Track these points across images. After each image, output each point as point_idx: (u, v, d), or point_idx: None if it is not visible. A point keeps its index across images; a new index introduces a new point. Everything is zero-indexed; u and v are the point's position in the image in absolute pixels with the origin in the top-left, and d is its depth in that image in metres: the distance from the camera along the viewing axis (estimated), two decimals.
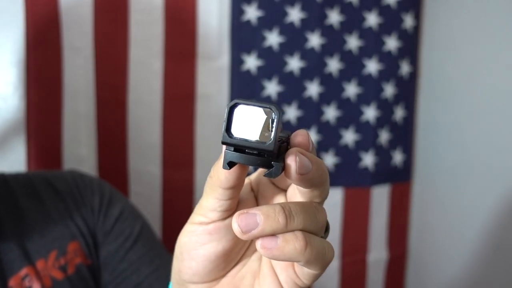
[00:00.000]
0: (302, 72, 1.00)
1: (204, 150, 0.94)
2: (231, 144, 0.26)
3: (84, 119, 0.86)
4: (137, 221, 0.61)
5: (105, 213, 0.59)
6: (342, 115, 1.05)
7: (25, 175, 0.61)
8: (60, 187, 0.59)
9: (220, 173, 0.28)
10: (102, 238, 0.58)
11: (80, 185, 0.60)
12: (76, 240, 0.56)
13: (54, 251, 0.54)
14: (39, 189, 0.58)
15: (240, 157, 0.26)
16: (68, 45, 0.84)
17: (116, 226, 0.58)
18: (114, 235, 0.58)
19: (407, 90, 1.12)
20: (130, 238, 0.58)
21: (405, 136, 1.14)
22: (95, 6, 0.84)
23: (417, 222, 1.17)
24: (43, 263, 0.53)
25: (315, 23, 0.99)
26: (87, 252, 0.56)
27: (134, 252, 0.57)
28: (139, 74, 0.89)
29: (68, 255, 0.55)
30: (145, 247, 0.59)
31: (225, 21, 0.93)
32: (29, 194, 0.57)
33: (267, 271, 0.31)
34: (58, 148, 0.85)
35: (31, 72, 0.82)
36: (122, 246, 0.57)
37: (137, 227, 0.60)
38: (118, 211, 0.60)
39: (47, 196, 0.58)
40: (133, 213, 0.62)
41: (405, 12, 1.08)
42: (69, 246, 0.55)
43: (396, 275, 1.17)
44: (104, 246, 0.58)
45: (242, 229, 0.25)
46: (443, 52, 1.08)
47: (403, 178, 1.15)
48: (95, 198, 0.59)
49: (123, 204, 0.61)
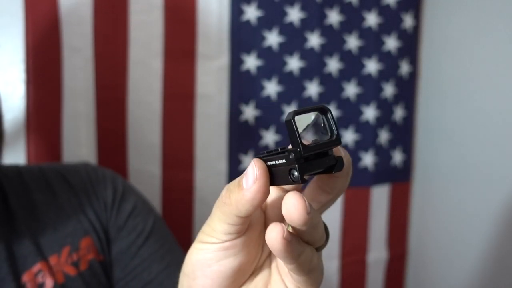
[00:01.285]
0: (302, 72, 1.00)
1: (204, 150, 0.94)
2: (310, 153, 0.26)
3: (84, 119, 0.86)
4: (149, 216, 0.60)
5: (118, 209, 0.59)
6: (341, 115, 1.05)
7: (39, 168, 0.60)
8: (74, 181, 0.59)
9: (240, 203, 0.26)
10: (115, 233, 0.58)
11: (93, 179, 0.60)
12: (89, 236, 0.56)
13: (67, 246, 0.54)
14: (52, 183, 0.58)
15: (312, 165, 0.26)
16: (68, 45, 0.84)
17: (129, 222, 0.58)
18: (127, 231, 0.58)
19: (406, 90, 1.12)
20: (143, 234, 0.58)
21: (405, 136, 1.14)
22: (95, 6, 0.85)
23: (417, 222, 1.17)
24: (56, 259, 0.53)
25: (315, 23, 0.99)
26: (99, 248, 0.56)
27: (146, 249, 0.57)
28: (139, 74, 0.89)
29: (81, 251, 0.55)
30: (157, 243, 0.58)
31: (224, 21, 0.93)
32: (42, 187, 0.57)
33: (277, 277, 0.30)
34: (58, 148, 0.85)
35: (31, 72, 0.82)
36: (134, 242, 0.57)
37: (150, 223, 0.59)
38: (131, 206, 0.59)
39: (61, 190, 0.58)
40: (146, 207, 0.62)
41: (405, 12, 1.08)
42: (82, 242, 0.55)
43: (396, 275, 1.17)
44: (117, 242, 0.57)
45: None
46: (443, 52, 1.08)
47: (403, 178, 1.15)
48: (108, 193, 0.59)
49: (136, 199, 0.61)
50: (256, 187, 0.25)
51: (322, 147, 0.26)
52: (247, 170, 0.26)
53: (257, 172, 0.26)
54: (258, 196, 0.26)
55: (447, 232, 1.07)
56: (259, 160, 0.27)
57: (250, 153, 0.99)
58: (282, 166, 0.26)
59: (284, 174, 0.26)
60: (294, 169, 0.25)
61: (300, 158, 0.25)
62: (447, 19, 1.06)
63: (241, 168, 0.98)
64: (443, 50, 1.08)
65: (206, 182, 0.95)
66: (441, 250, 1.09)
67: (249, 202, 0.26)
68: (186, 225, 0.96)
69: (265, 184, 0.26)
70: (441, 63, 1.09)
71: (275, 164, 0.27)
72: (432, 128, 1.12)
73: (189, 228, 0.96)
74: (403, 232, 1.18)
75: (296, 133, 0.25)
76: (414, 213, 1.18)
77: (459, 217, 1.03)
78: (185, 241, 0.96)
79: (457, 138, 1.04)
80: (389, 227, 1.14)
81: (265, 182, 0.26)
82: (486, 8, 0.96)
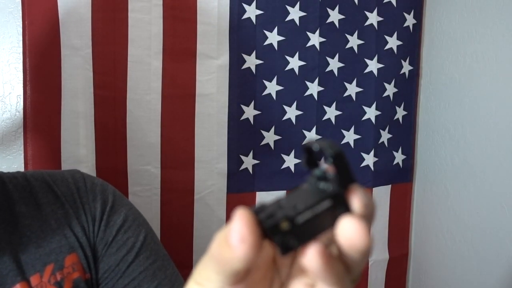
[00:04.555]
0: (303, 71, 0.99)
1: (204, 150, 0.94)
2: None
3: (83, 119, 0.85)
4: (140, 230, 0.57)
5: (106, 222, 0.55)
6: (343, 114, 1.04)
7: (24, 176, 0.56)
8: (60, 191, 0.55)
9: (231, 261, 0.22)
10: (102, 249, 0.54)
11: (82, 189, 0.56)
12: (74, 252, 0.52)
13: (50, 264, 0.50)
14: (37, 193, 0.54)
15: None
16: (67, 44, 0.83)
17: (118, 237, 0.55)
18: (116, 247, 0.54)
19: (407, 89, 1.12)
20: (133, 250, 0.54)
21: (406, 136, 1.13)
22: (93, 6, 0.84)
23: (418, 222, 1.17)
24: (38, 279, 0.49)
25: (316, 22, 0.99)
26: (85, 265, 0.52)
27: (136, 266, 0.54)
28: (138, 73, 0.88)
29: (65, 270, 0.51)
30: (148, 260, 0.55)
31: (225, 20, 0.92)
32: (26, 198, 0.53)
33: None
34: (56, 148, 0.84)
35: (29, 71, 0.81)
36: (123, 259, 0.54)
37: (141, 237, 0.56)
38: (120, 219, 0.56)
39: (46, 202, 0.54)
40: (137, 220, 0.58)
41: (406, 11, 1.07)
42: (67, 259, 0.51)
43: (397, 275, 1.17)
44: (104, 258, 0.54)
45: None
46: (444, 51, 1.07)
47: (404, 179, 1.14)
48: (97, 205, 0.56)
49: (127, 211, 0.57)
50: (246, 247, 0.22)
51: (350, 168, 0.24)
52: (232, 225, 0.22)
53: (243, 229, 0.22)
54: (249, 252, 0.22)
55: (448, 233, 1.07)
56: (245, 212, 0.22)
57: (250, 153, 0.98)
58: (322, 213, 0.23)
59: (326, 220, 0.23)
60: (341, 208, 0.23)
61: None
62: (448, 18, 1.06)
63: (241, 168, 0.97)
64: (444, 50, 1.07)
65: (206, 182, 0.94)
66: (442, 250, 1.08)
67: (241, 260, 0.22)
68: (186, 225, 0.95)
69: (255, 244, 0.22)
70: (442, 63, 1.08)
71: (312, 216, 0.23)
72: (433, 128, 1.11)
73: (189, 228, 0.95)
74: (404, 232, 1.17)
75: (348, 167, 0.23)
76: (415, 213, 1.18)
77: (460, 217, 1.03)
78: (185, 241, 0.96)
79: (458, 138, 1.03)
80: (390, 227, 1.13)
81: (254, 241, 0.22)
82: (486, 7, 0.95)
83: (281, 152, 1.00)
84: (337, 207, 0.23)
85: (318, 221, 0.23)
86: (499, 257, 0.93)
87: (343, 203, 0.23)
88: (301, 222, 0.22)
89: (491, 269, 0.95)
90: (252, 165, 0.98)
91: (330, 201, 0.23)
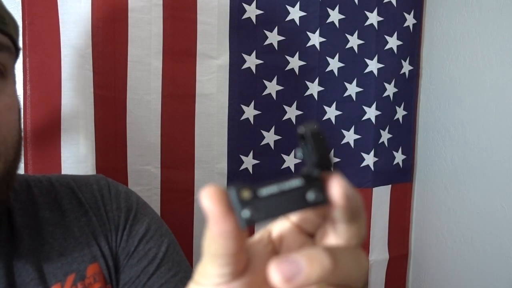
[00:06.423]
0: (303, 71, 0.99)
1: (204, 150, 0.94)
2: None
3: (83, 119, 0.85)
4: (163, 240, 0.55)
5: (129, 232, 0.54)
6: (343, 114, 1.04)
7: (49, 180, 0.55)
8: (84, 198, 0.54)
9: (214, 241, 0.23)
10: (124, 260, 0.53)
11: (106, 196, 0.55)
12: (97, 262, 0.51)
13: (72, 274, 0.49)
14: (62, 199, 0.53)
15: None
16: (67, 44, 0.83)
17: (140, 247, 0.53)
18: (137, 257, 0.53)
19: (407, 89, 1.12)
20: (154, 261, 0.53)
21: (406, 136, 1.13)
22: (93, 5, 0.84)
23: (418, 223, 1.17)
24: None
25: (316, 22, 0.99)
26: (107, 276, 0.51)
27: (157, 278, 0.52)
28: (138, 73, 0.88)
29: (87, 280, 0.50)
30: (170, 272, 0.53)
31: (225, 20, 0.92)
32: (51, 203, 0.52)
33: None
34: (56, 148, 0.84)
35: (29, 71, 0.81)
36: (144, 270, 0.52)
37: (163, 248, 0.54)
38: (143, 228, 0.55)
39: (70, 207, 0.53)
40: (159, 229, 0.56)
41: (406, 11, 1.07)
42: (89, 269, 0.50)
43: (397, 275, 1.17)
44: (125, 269, 0.53)
45: (286, 277, 0.21)
46: (444, 51, 1.07)
47: (404, 179, 1.14)
48: (121, 214, 0.54)
49: (149, 220, 0.56)
50: (215, 219, 0.22)
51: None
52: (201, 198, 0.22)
53: (208, 201, 0.21)
54: (223, 227, 0.22)
55: (448, 233, 1.07)
56: (211, 187, 0.22)
57: (250, 153, 0.98)
58: (290, 191, 0.22)
59: (293, 200, 0.22)
60: (313, 190, 0.22)
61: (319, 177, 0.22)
62: (448, 18, 1.06)
63: (241, 168, 0.97)
64: (444, 50, 1.07)
65: (206, 182, 0.94)
66: (442, 250, 1.08)
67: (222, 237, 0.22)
68: (186, 225, 0.95)
69: (221, 214, 0.21)
70: (442, 62, 1.08)
71: (277, 192, 0.22)
72: (433, 128, 1.11)
73: (189, 228, 0.95)
74: (404, 232, 1.17)
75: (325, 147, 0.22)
76: (415, 213, 1.18)
77: (460, 217, 1.03)
78: (185, 242, 0.96)
79: (458, 138, 1.03)
80: (390, 227, 1.13)
81: (221, 211, 0.21)
82: (487, 7, 0.95)
83: (281, 152, 1.00)
84: (309, 188, 0.22)
85: (285, 199, 0.22)
86: (499, 257, 0.93)
87: (316, 185, 0.22)
88: (264, 195, 0.22)
89: (491, 269, 0.95)
90: (252, 165, 0.98)
91: (300, 180, 0.22)
